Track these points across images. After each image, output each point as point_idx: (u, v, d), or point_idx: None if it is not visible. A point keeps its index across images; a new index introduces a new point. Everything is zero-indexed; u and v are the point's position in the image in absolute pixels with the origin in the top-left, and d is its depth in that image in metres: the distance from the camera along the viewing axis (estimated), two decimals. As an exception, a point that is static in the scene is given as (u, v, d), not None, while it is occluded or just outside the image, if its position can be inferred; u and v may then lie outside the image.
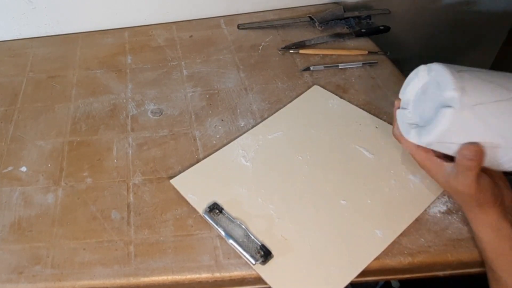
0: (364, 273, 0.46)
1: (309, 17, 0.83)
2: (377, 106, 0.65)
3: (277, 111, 0.65)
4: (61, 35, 0.87)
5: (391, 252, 0.47)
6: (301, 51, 0.76)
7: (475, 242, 0.47)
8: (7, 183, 0.58)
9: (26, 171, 0.60)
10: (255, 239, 0.48)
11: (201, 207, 0.52)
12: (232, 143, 0.61)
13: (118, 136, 0.64)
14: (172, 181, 0.56)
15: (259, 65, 0.75)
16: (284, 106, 0.66)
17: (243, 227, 0.50)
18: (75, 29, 0.87)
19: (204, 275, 0.47)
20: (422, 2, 0.94)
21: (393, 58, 0.74)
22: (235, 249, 0.48)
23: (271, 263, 0.47)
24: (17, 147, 0.64)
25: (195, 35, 0.84)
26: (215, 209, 0.52)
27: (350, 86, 0.69)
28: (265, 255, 0.47)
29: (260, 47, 0.79)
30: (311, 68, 0.72)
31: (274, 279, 0.46)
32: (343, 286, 0.45)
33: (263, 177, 0.56)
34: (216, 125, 0.64)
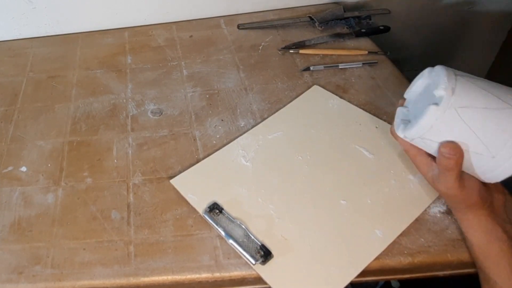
0: (364, 273, 0.46)
1: (309, 17, 0.83)
2: (377, 106, 0.65)
3: (277, 111, 0.65)
4: (61, 35, 0.87)
5: (391, 252, 0.47)
6: (301, 51, 0.76)
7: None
8: (7, 183, 0.58)
9: (26, 171, 0.60)
10: (255, 239, 0.48)
11: (201, 207, 0.52)
12: (232, 143, 0.61)
13: (118, 136, 0.64)
14: (172, 181, 0.56)
15: (259, 65, 0.75)
16: (284, 106, 0.66)
17: (243, 227, 0.50)
18: (75, 29, 0.87)
19: (204, 275, 0.47)
20: (422, 2, 0.94)
21: (393, 58, 0.74)
22: (235, 249, 0.48)
23: (271, 263, 0.47)
24: (17, 147, 0.64)
25: (195, 35, 0.84)
26: (215, 209, 0.52)
27: (350, 86, 0.69)
28: (265, 255, 0.47)
29: (260, 47, 0.79)
30: (311, 68, 0.72)
31: (274, 279, 0.46)
32: (343, 286, 0.45)
33: (263, 177, 0.56)
34: (216, 125, 0.64)
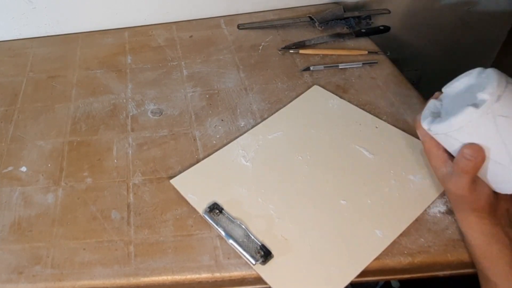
0: (364, 273, 0.46)
1: (309, 17, 0.83)
2: (377, 106, 0.65)
3: (277, 111, 0.65)
4: (61, 35, 0.87)
5: (391, 252, 0.47)
6: (301, 51, 0.76)
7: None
8: (7, 183, 0.58)
9: (26, 171, 0.60)
10: (255, 239, 0.48)
11: (201, 207, 0.52)
12: (232, 143, 0.61)
13: (118, 136, 0.64)
14: (172, 181, 0.56)
15: (259, 65, 0.75)
16: (284, 106, 0.66)
17: (243, 227, 0.50)
18: (75, 29, 0.87)
19: (204, 275, 0.47)
20: (422, 2, 0.94)
21: (393, 58, 0.74)
22: (235, 249, 0.48)
23: (271, 263, 0.47)
24: (17, 147, 0.64)
25: (195, 35, 0.84)
26: (215, 209, 0.52)
27: (350, 86, 0.69)
28: (265, 255, 0.47)
29: (260, 47, 0.79)
30: (311, 68, 0.72)
31: (274, 279, 0.46)
32: (343, 286, 0.45)
33: (263, 177, 0.56)
34: (216, 125, 0.64)
